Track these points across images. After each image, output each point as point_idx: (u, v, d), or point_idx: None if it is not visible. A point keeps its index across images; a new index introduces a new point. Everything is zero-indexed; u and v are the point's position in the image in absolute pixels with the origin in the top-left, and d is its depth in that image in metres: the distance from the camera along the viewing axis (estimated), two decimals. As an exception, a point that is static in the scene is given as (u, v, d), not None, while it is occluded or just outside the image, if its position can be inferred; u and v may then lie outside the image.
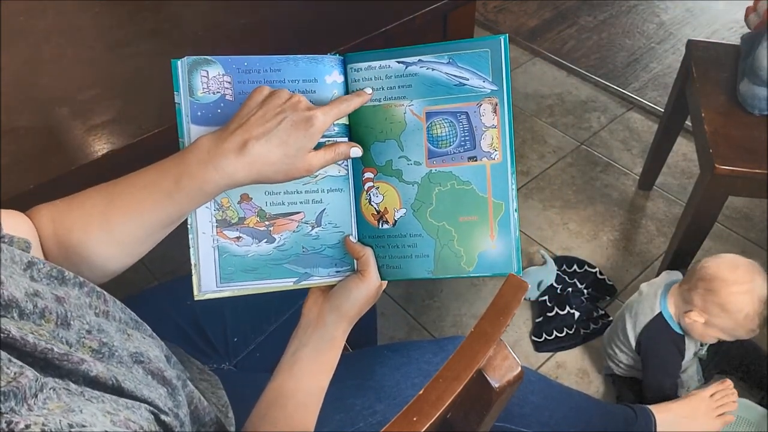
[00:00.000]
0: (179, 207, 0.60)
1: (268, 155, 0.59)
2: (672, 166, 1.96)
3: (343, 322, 0.68)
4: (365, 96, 0.67)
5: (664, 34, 2.49)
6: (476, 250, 0.67)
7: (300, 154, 0.60)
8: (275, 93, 0.62)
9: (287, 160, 0.60)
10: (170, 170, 0.60)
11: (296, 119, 0.60)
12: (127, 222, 0.61)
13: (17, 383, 0.38)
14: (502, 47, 0.65)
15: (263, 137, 0.59)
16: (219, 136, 0.60)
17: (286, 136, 0.59)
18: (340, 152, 0.65)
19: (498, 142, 0.66)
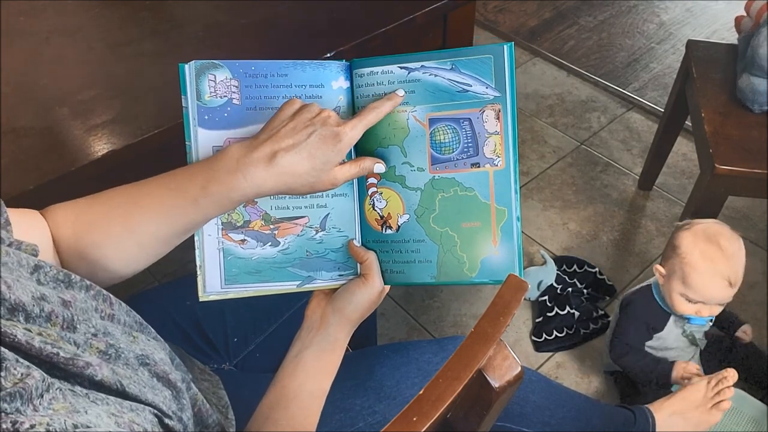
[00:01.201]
0: (204, 213, 0.61)
1: (296, 167, 0.60)
2: (672, 166, 1.96)
3: (346, 324, 0.68)
4: (396, 99, 0.68)
5: (664, 34, 2.49)
6: (479, 256, 0.67)
7: (327, 168, 0.61)
8: (306, 107, 0.63)
9: (314, 173, 0.61)
10: (198, 175, 0.60)
11: (325, 134, 0.61)
12: (150, 224, 0.61)
13: (24, 384, 0.38)
14: (506, 54, 0.65)
15: (293, 149, 0.59)
16: (249, 145, 0.60)
17: (315, 149, 0.60)
18: (364, 167, 0.66)
19: (501, 148, 0.66)
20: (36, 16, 1.11)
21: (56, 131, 0.90)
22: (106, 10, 1.14)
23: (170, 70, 0.66)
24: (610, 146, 2.06)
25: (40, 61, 1.02)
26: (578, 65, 2.35)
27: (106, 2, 1.15)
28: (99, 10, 1.14)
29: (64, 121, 0.92)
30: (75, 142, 0.89)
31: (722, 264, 1.18)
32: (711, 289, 1.20)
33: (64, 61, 1.02)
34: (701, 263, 1.18)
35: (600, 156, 2.03)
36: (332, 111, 0.63)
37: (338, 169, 0.63)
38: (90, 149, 0.87)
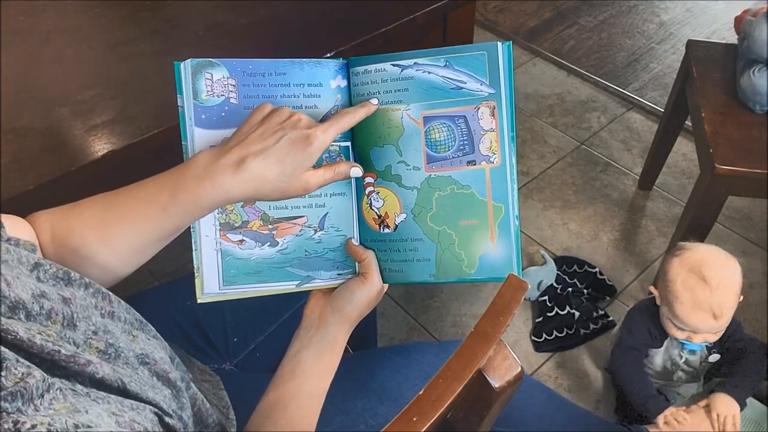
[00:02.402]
0: (174, 221, 0.60)
1: (265, 173, 0.59)
2: (672, 166, 1.96)
3: (345, 323, 0.68)
4: (370, 107, 0.67)
5: (664, 34, 2.49)
6: (477, 253, 0.67)
7: (297, 172, 0.60)
8: (276, 111, 0.62)
9: (284, 179, 0.60)
10: (167, 184, 0.60)
11: (294, 137, 0.59)
12: (124, 233, 0.60)
13: (25, 383, 0.38)
14: (501, 52, 0.65)
15: (261, 154, 0.58)
16: (217, 152, 0.59)
17: (284, 154, 0.59)
18: (339, 172, 0.65)
19: (497, 145, 0.66)
20: (36, 16, 1.11)
21: (56, 131, 0.90)
22: (106, 10, 1.14)
23: (170, 70, 0.65)
24: (610, 146, 2.06)
25: (40, 61, 1.02)
26: (578, 65, 2.35)
27: (106, 2, 1.15)
28: (99, 10, 1.14)
29: (64, 121, 0.92)
30: (75, 142, 0.89)
31: (704, 296, 1.14)
32: (693, 320, 1.17)
33: (64, 61, 1.02)
34: (682, 293, 1.16)
35: (600, 156, 2.03)
36: (303, 114, 0.62)
37: (311, 173, 0.61)
38: (90, 149, 0.87)
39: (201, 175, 0.58)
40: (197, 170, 0.59)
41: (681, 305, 1.17)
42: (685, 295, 1.16)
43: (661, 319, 1.26)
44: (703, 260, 1.17)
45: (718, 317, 1.15)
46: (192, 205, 0.59)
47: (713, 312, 1.15)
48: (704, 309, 1.15)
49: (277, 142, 0.59)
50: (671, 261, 1.20)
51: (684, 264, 1.18)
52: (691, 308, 1.16)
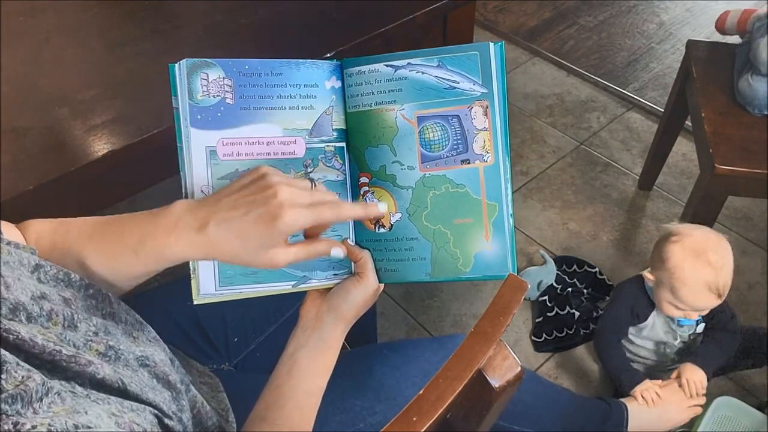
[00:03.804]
0: (143, 264, 0.58)
1: (224, 244, 0.55)
2: (672, 166, 1.96)
3: (341, 323, 0.68)
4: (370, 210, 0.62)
5: (664, 34, 2.49)
6: (472, 251, 0.67)
7: (259, 250, 0.56)
8: (261, 179, 0.57)
9: (244, 252, 0.56)
10: (141, 226, 0.57)
11: (262, 213, 0.54)
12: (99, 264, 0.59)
13: (25, 386, 0.38)
14: (493, 52, 0.65)
15: (224, 223, 0.54)
16: (192, 208, 0.57)
17: (247, 228, 0.54)
18: (316, 251, 0.60)
19: (490, 144, 0.66)
20: (36, 16, 1.11)
21: (56, 131, 0.90)
22: (106, 10, 1.14)
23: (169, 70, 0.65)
24: (610, 146, 2.06)
25: (40, 61, 1.02)
26: (578, 65, 2.35)
27: (106, 2, 1.15)
28: (99, 10, 1.14)
29: (64, 121, 0.92)
30: (75, 142, 0.89)
31: (711, 277, 1.19)
32: (700, 302, 1.22)
33: (64, 61, 1.02)
34: (690, 278, 1.20)
35: (600, 156, 2.03)
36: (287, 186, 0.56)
37: (279, 251, 0.56)
38: (90, 149, 0.87)
39: (170, 228, 0.56)
40: (169, 221, 0.56)
41: (689, 289, 1.20)
42: (692, 279, 1.19)
43: (657, 302, 1.29)
44: (705, 244, 1.21)
45: (722, 296, 1.20)
46: (157, 255, 0.57)
47: (719, 292, 1.20)
48: (711, 290, 1.19)
49: (244, 215, 0.54)
50: (671, 248, 1.22)
51: (687, 249, 1.20)
52: (699, 291, 1.20)
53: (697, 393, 1.28)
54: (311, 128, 0.69)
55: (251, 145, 0.66)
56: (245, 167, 0.66)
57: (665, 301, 1.26)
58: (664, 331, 1.34)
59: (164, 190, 0.94)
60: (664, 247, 1.23)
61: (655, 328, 1.35)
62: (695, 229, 1.25)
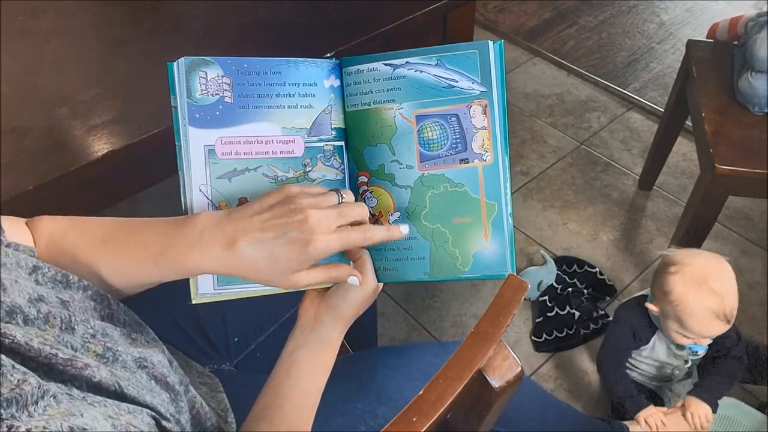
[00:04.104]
0: (161, 273, 0.58)
1: (253, 263, 0.55)
2: (672, 166, 1.96)
3: (340, 322, 0.68)
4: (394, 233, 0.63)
5: (664, 34, 2.49)
6: (471, 250, 0.67)
7: (285, 273, 0.57)
8: (292, 200, 0.57)
9: (271, 273, 0.57)
10: (162, 236, 0.57)
11: (294, 238, 0.55)
12: (114, 270, 0.59)
13: (20, 390, 0.38)
14: (492, 51, 0.65)
15: (255, 243, 0.55)
16: (218, 222, 0.57)
17: (279, 251, 0.55)
18: (335, 276, 0.61)
19: (489, 143, 0.66)
20: (36, 16, 1.11)
21: (56, 131, 0.90)
22: (106, 10, 1.14)
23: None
24: (610, 146, 2.06)
25: (40, 61, 1.02)
26: (578, 65, 2.35)
27: (106, 2, 1.15)
28: (99, 10, 1.14)
29: (64, 121, 0.92)
30: (75, 142, 0.89)
31: (716, 305, 1.16)
32: (709, 330, 1.19)
33: (64, 61, 1.02)
34: (696, 309, 1.16)
35: (600, 156, 2.03)
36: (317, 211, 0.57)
37: (304, 274, 0.57)
38: (90, 149, 0.87)
39: (194, 242, 0.56)
40: (193, 233, 0.56)
41: (696, 321, 1.17)
42: (698, 310, 1.16)
43: (666, 331, 1.26)
44: (705, 272, 1.17)
45: (730, 321, 1.17)
46: (178, 267, 0.57)
47: (727, 318, 1.17)
48: (719, 318, 1.16)
49: (276, 237, 0.55)
50: (672, 280, 1.18)
51: (688, 280, 1.17)
52: (706, 320, 1.17)
53: (702, 426, 1.24)
54: (310, 127, 0.68)
55: (250, 143, 0.66)
56: (244, 166, 0.66)
57: (673, 331, 1.23)
58: (666, 353, 1.32)
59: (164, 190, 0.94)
60: (665, 279, 1.20)
61: (655, 350, 1.33)
62: (693, 256, 1.22)
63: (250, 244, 0.55)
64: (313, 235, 0.55)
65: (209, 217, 0.57)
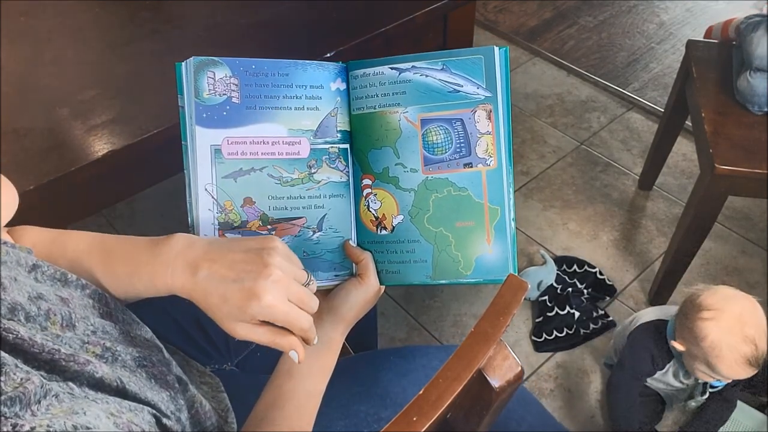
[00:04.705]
0: (136, 290, 0.58)
1: (207, 296, 0.55)
2: (672, 166, 1.96)
3: (341, 324, 0.68)
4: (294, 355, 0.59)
5: (664, 34, 2.49)
6: (473, 254, 0.67)
7: (228, 317, 0.56)
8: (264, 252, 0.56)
9: (219, 313, 0.56)
10: (140, 253, 0.58)
11: (245, 287, 0.54)
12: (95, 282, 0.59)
13: (23, 389, 0.39)
14: (498, 56, 0.66)
15: (214, 279, 0.55)
16: (192, 245, 0.57)
17: (229, 294, 0.54)
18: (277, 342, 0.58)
19: (493, 148, 0.66)
20: (36, 16, 1.11)
21: (56, 131, 0.90)
22: (106, 10, 1.14)
23: (170, 70, 0.65)
24: (610, 146, 2.06)
25: (40, 61, 1.02)
26: (578, 65, 2.35)
27: (106, 2, 1.15)
28: (99, 10, 1.14)
29: (64, 121, 0.92)
30: (75, 142, 0.89)
31: (750, 352, 1.14)
32: (738, 375, 1.18)
33: (64, 61, 1.02)
34: (729, 357, 1.15)
35: (600, 156, 2.03)
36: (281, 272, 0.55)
37: (244, 326, 0.56)
38: (90, 149, 0.87)
39: (168, 261, 0.56)
40: (169, 254, 0.57)
41: (727, 366, 1.16)
42: (732, 357, 1.15)
43: (690, 368, 1.24)
44: (741, 320, 1.15)
45: (760, 365, 1.16)
46: (150, 282, 0.57)
47: (758, 363, 1.15)
48: (751, 364, 1.15)
49: (233, 281, 0.54)
50: (707, 327, 1.16)
51: (724, 328, 1.15)
52: (738, 366, 1.16)
53: None
54: (316, 129, 0.69)
55: (256, 144, 0.66)
56: (249, 166, 0.66)
57: (699, 371, 1.21)
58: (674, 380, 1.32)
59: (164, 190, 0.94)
60: (698, 325, 1.17)
61: (667, 375, 1.32)
62: (727, 300, 1.18)
63: (209, 277, 0.55)
64: (264, 293, 0.54)
65: (186, 240, 0.58)
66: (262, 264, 0.55)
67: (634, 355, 1.32)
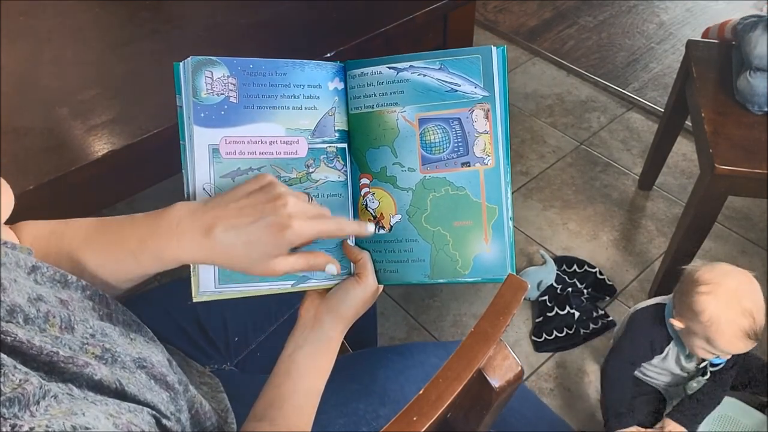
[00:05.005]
0: (141, 267, 0.58)
1: (231, 249, 0.56)
2: (672, 166, 1.96)
3: (340, 323, 0.68)
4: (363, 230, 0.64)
5: (664, 34, 2.49)
6: (471, 254, 0.67)
7: (263, 258, 0.57)
8: (267, 188, 0.58)
9: (248, 260, 0.57)
10: (140, 228, 0.58)
11: (271, 223, 0.56)
12: (96, 268, 0.59)
13: (22, 390, 0.38)
14: (495, 56, 0.66)
15: (232, 230, 0.55)
16: (195, 210, 0.57)
17: (256, 237, 0.56)
18: (313, 264, 0.61)
19: (491, 147, 0.66)
20: (36, 16, 1.11)
21: (56, 131, 0.90)
22: (106, 10, 1.14)
23: (170, 70, 0.65)
24: (610, 146, 2.06)
25: (40, 61, 1.02)
26: (578, 65, 2.35)
27: (106, 2, 1.15)
28: (99, 10, 1.14)
29: (64, 121, 0.92)
30: (75, 142, 0.89)
31: (749, 324, 1.15)
32: (738, 348, 1.19)
33: (64, 61, 1.02)
34: (728, 330, 1.16)
35: (600, 156, 2.03)
36: (294, 197, 0.58)
37: (281, 260, 0.58)
38: (90, 149, 0.87)
39: (171, 231, 0.56)
40: (171, 224, 0.57)
41: (726, 340, 1.17)
42: (730, 330, 1.16)
43: (688, 346, 1.25)
44: (738, 292, 1.17)
45: (759, 338, 1.17)
46: (156, 257, 0.57)
47: (756, 336, 1.16)
48: (750, 337, 1.16)
49: (253, 223, 0.56)
50: (704, 300, 1.17)
51: (721, 301, 1.16)
52: (737, 339, 1.16)
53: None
54: (314, 129, 0.69)
55: (254, 143, 0.66)
56: (247, 166, 0.66)
57: (698, 347, 1.22)
58: (676, 365, 1.32)
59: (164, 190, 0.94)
60: (695, 299, 1.18)
61: (667, 360, 1.32)
62: (725, 275, 1.20)
63: (227, 231, 0.56)
64: (290, 220, 0.56)
65: (186, 207, 0.58)
66: (273, 197, 0.57)
67: (633, 340, 1.32)
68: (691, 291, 1.19)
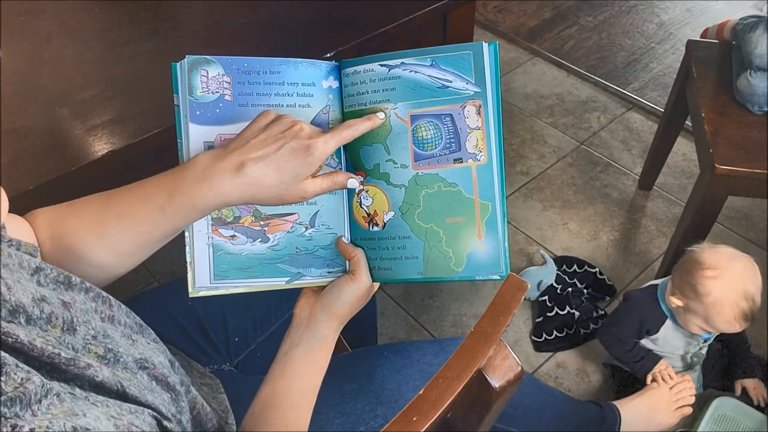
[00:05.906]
0: (171, 222, 0.60)
1: (264, 179, 0.59)
2: (672, 166, 1.96)
3: (334, 321, 0.69)
4: (375, 120, 0.67)
5: (664, 34, 2.49)
6: (465, 251, 0.67)
7: (295, 181, 0.61)
8: (280, 118, 0.62)
9: (282, 186, 0.60)
10: (165, 184, 0.60)
11: (296, 146, 0.60)
12: (121, 232, 0.61)
13: (24, 389, 0.38)
14: (486, 52, 0.65)
15: (261, 161, 0.59)
16: (217, 155, 0.60)
17: (284, 162, 0.60)
18: (336, 182, 0.66)
19: (483, 143, 0.66)
20: (36, 16, 1.11)
21: (56, 131, 0.90)
22: (106, 10, 1.14)
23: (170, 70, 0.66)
24: (610, 146, 2.06)
25: (40, 61, 1.02)
26: (578, 65, 2.35)
27: (106, 2, 1.15)
28: (99, 10, 1.14)
29: (64, 121, 0.92)
30: (75, 142, 0.89)
31: (748, 307, 1.19)
32: (733, 328, 1.23)
33: (64, 61, 1.02)
34: (730, 312, 1.20)
35: (600, 156, 2.03)
36: (306, 123, 0.62)
37: (309, 182, 0.62)
38: (90, 149, 0.87)
39: (199, 178, 0.58)
40: (196, 172, 0.59)
41: (726, 321, 1.21)
42: (732, 313, 1.20)
43: (683, 323, 1.29)
44: (743, 277, 1.20)
45: (755, 319, 1.22)
46: (189, 207, 0.59)
47: (753, 318, 1.21)
48: (746, 319, 1.21)
49: (279, 149, 0.59)
50: (711, 284, 1.19)
51: (727, 285, 1.19)
52: (736, 321, 1.20)
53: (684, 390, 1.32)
54: None
55: None
56: None
57: (694, 324, 1.26)
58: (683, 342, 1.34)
59: (164, 190, 0.94)
60: (701, 282, 1.20)
61: (668, 341, 1.34)
62: (731, 259, 1.22)
63: (256, 163, 0.59)
64: (311, 140, 0.61)
65: (207, 155, 0.60)
66: (287, 125, 0.61)
67: (622, 319, 1.36)
68: (695, 273, 1.22)
